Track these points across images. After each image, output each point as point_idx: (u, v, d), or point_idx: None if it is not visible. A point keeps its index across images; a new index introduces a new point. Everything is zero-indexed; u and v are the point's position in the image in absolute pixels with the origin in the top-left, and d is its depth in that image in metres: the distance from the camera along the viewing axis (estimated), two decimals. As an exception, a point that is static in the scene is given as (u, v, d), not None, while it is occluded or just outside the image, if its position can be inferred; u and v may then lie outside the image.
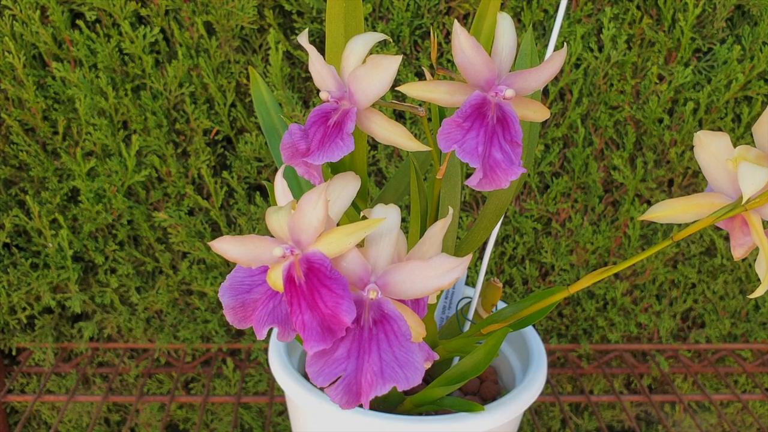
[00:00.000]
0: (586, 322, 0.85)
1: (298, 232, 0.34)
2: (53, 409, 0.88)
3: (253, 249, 0.35)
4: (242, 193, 0.76)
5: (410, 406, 0.51)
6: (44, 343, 0.82)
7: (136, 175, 0.73)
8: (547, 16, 0.72)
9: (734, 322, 0.87)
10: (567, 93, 0.75)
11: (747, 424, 0.94)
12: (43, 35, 0.69)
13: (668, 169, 0.77)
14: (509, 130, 0.37)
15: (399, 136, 0.39)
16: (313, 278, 0.33)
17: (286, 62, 0.72)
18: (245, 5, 0.68)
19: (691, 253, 0.81)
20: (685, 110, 0.74)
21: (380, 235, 0.36)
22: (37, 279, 0.77)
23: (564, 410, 0.79)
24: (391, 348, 0.35)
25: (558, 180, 0.77)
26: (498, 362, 0.63)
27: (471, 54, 0.36)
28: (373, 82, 0.37)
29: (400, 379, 0.34)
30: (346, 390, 0.34)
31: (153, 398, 0.80)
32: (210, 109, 0.74)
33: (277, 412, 0.88)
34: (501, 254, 0.81)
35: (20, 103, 0.72)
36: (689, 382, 0.91)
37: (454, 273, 0.35)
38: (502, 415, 0.48)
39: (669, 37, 0.72)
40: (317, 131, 0.38)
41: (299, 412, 0.53)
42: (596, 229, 0.80)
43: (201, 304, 0.81)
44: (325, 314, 0.33)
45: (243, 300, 0.36)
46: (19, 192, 0.76)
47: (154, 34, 0.69)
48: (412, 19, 0.71)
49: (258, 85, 0.52)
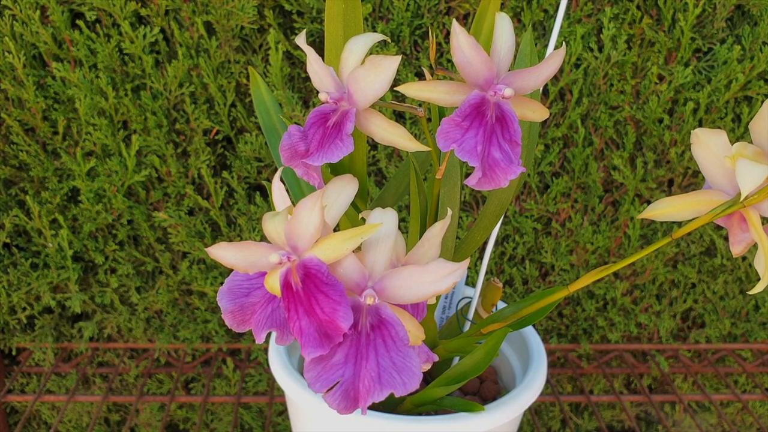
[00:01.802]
0: (586, 322, 0.85)
1: (295, 239, 0.34)
2: (53, 409, 0.88)
3: (249, 255, 0.35)
4: (242, 193, 0.76)
5: (410, 406, 0.51)
6: (44, 343, 0.82)
7: (136, 175, 0.73)
8: (547, 16, 0.72)
9: (734, 322, 0.87)
10: (567, 93, 0.75)
11: (747, 424, 0.94)
12: (43, 35, 0.69)
13: (668, 169, 0.77)
14: (508, 129, 0.37)
15: (398, 137, 0.39)
16: (310, 284, 0.33)
17: (286, 62, 0.72)
18: (245, 5, 0.68)
19: (691, 253, 0.81)
20: (685, 110, 0.74)
21: (377, 240, 0.36)
22: (37, 279, 0.77)
23: (564, 410, 0.79)
24: (388, 353, 0.35)
25: (558, 180, 0.77)
26: (498, 362, 0.63)
27: (470, 53, 0.36)
28: (372, 82, 0.37)
29: (398, 384, 0.34)
30: (343, 396, 0.34)
31: (153, 398, 0.80)
32: (210, 109, 0.74)
33: (277, 412, 0.88)
34: (501, 254, 0.81)
35: (20, 103, 0.72)
36: (689, 382, 0.91)
37: (451, 278, 0.35)
38: (502, 415, 0.48)
39: (669, 37, 0.72)
40: (316, 132, 0.38)
41: (299, 412, 0.53)
42: (596, 229, 0.80)
43: (201, 304, 0.81)
44: (322, 320, 0.33)
45: (241, 303, 0.36)
46: (19, 192, 0.76)
47: (154, 34, 0.69)
48: (412, 19, 0.71)
49: (258, 85, 0.52)
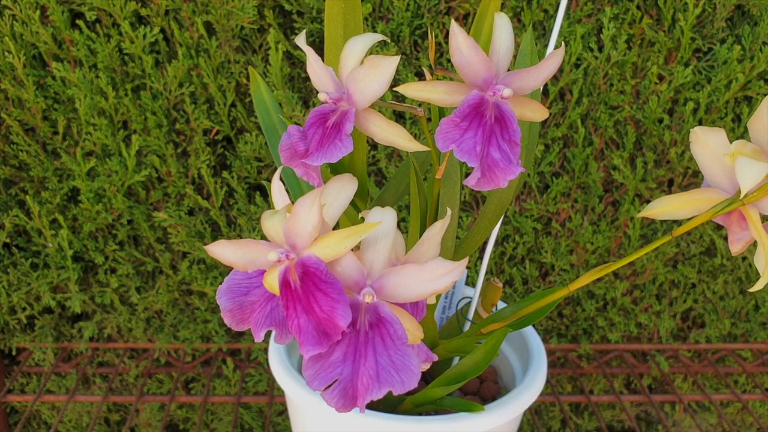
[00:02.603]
0: (586, 322, 0.85)
1: (294, 237, 0.34)
2: (53, 409, 0.88)
3: (248, 253, 0.35)
4: (242, 193, 0.76)
5: (410, 406, 0.51)
6: (44, 343, 0.82)
7: (136, 175, 0.73)
8: (547, 16, 0.72)
9: (734, 322, 0.87)
10: (567, 93, 0.75)
11: (747, 424, 0.94)
12: (43, 35, 0.69)
13: (668, 169, 0.77)
14: (507, 129, 0.37)
15: (398, 137, 0.39)
16: (309, 282, 0.33)
17: (286, 62, 0.72)
18: (245, 5, 0.68)
19: (691, 253, 0.81)
20: (685, 110, 0.74)
21: (376, 239, 0.36)
22: (37, 279, 0.77)
23: (564, 410, 0.79)
24: (387, 351, 0.35)
25: (558, 180, 0.77)
26: (498, 362, 0.63)
27: (468, 54, 0.36)
28: (371, 83, 0.37)
29: (396, 383, 0.34)
30: (342, 394, 0.34)
31: (153, 398, 0.80)
32: (210, 109, 0.74)
33: (277, 412, 0.88)
34: (501, 254, 0.81)
35: (20, 103, 0.72)
36: (689, 382, 0.91)
37: (450, 277, 0.35)
38: (502, 415, 0.48)
39: (669, 37, 0.72)
40: (316, 132, 0.38)
41: (299, 412, 0.53)
42: (596, 229, 0.80)
43: (201, 304, 0.81)
44: (321, 318, 0.33)
45: (240, 302, 0.36)
46: (19, 192, 0.76)
47: (154, 34, 0.69)
48: (412, 19, 0.71)
49: (258, 85, 0.52)
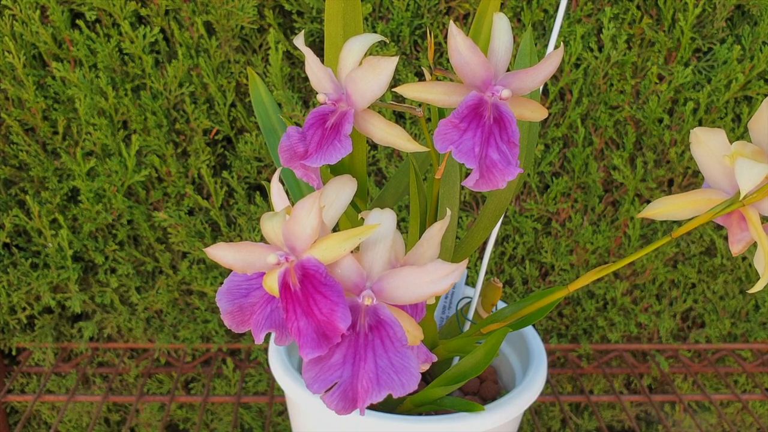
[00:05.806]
0: (586, 322, 0.85)
1: (293, 239, 0.34)
2: (53, 409, 0.88)
3: (248, 256, 0.35)
4: (242, 193, 0.76)
5: (410, 406, 0.51)
6: (44, 343, 0.82)
7: (136, 175, 0.73)
8: (547, 16, 0.72)
9: (734, 322, 0.87)
10: (567, 93, 0.75)
11: (747, 424, 0.94)
12: (43, 35, 0.69)
13: (668, 169, 0.77)
14: (506, 130, 0.37)
15: (397, 138, 0.39)
16: (308, 285, 0.33)
17: (286, 62, 0.72)
18: (245, 5, 0.68)
19: (691, 253, 0.81)
20: (685, 110, 0.74)
21: (375, 241, 0.36)
22: (37, 279, 0.77)
23: (564, 410, 0.79)
24: (387, 354, 0.35)
25: (558, 180, 0.77)
26: (498, 362, 0.63)
27: (467, 54, 0.36)
28: (369, 84, 0.37)
29: (396, 385, 0.34)
30: (341, 397, 0.34)
31: (153, 398, 0.80)
32: (210, 109, 0.74)
33: (277, 412, 0.88)
34: (501, 254, 0.81)
35: (20, 103, 0.72)
36: (689, 382, 0.91)
37: (449, 279, 0.35)
38: (502, 415, 0.48)
39: (669, 37, 0.72)
40: (315, 133, 0.38)
41: (299, 412, 0.53)
42: (596, 229, 0.80)
43: (201, 304, 0.81)
44: (321, 321, 0.33)
45: (240, 304, 0.36)
46: (19, 192, 0.76)
47: (154, 34, 0.69)
48: (411, 19, 0.71)
49: (257, 85, 0.52)
